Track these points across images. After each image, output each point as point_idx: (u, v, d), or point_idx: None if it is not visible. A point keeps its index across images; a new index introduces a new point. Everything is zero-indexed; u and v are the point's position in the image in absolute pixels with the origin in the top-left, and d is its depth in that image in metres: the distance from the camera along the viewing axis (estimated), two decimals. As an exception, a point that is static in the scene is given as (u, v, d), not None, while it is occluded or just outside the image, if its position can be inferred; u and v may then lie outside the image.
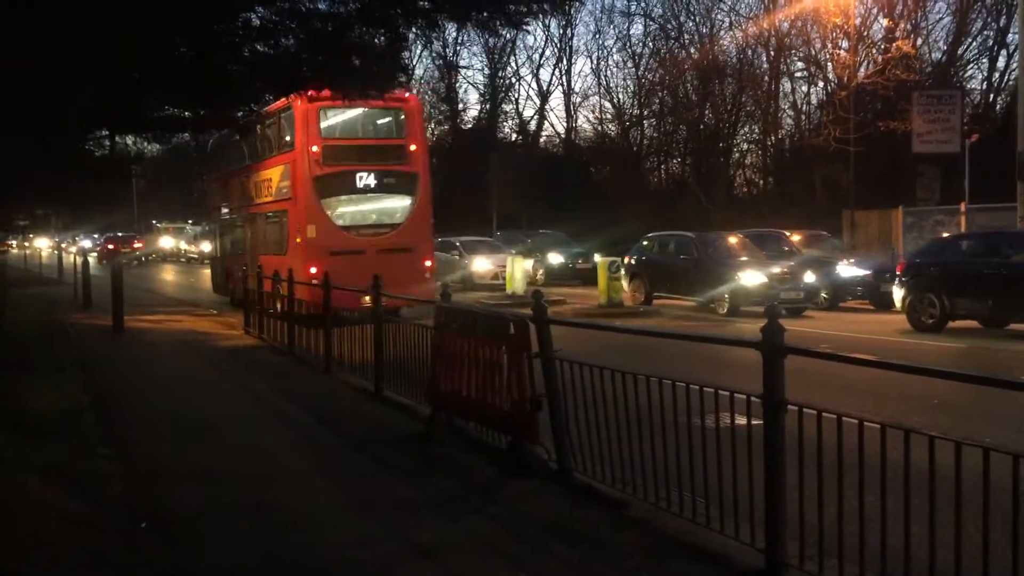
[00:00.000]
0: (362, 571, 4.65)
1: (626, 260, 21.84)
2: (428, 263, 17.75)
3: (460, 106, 55.54)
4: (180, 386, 10.65)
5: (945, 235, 20.02)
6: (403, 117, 17.76)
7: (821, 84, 38.48)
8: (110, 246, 50.15)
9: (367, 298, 9.85)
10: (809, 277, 18.68)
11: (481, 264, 27.27)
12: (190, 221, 56.68)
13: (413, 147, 17.65)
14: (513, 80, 53.70)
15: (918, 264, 16.09)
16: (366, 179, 17.32)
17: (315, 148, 16.87)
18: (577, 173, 47.24)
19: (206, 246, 38.41)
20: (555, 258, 29.72)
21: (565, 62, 51.65)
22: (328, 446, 7.65)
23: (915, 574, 3.75)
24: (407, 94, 17.88)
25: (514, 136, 54.21)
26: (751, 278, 18.28)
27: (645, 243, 22.03)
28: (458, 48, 53.06)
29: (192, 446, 7.47)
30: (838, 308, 19.60)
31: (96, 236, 58.99)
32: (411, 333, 8.66)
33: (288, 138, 17.78)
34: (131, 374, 11.59)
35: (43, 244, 58.68)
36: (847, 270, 20.01)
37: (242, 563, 4.79)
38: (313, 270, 15.21)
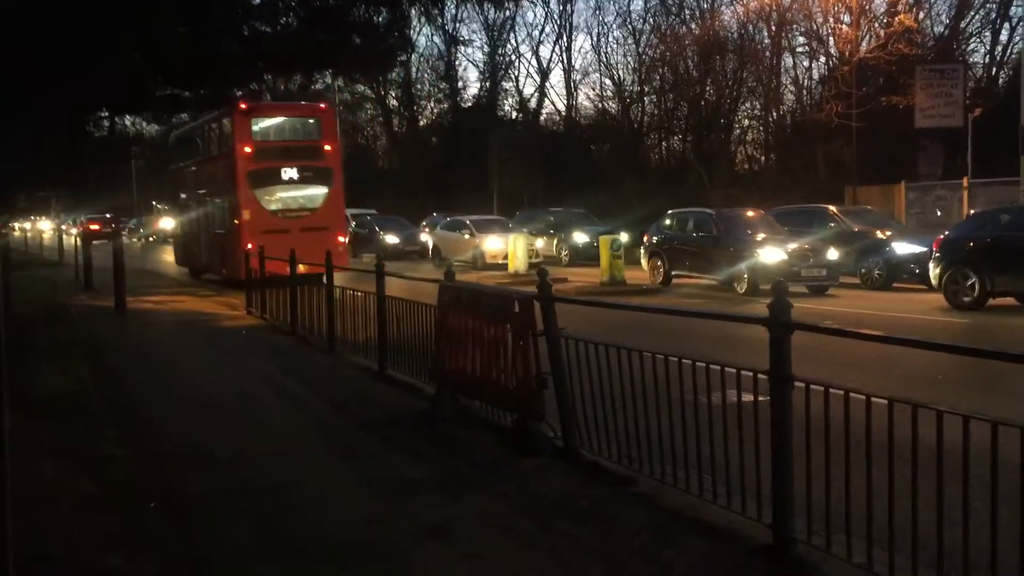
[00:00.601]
0: (373, 550, 4.68)
1: (645, 238, 21.44)
2: (341, 238, 21.93)
3: (460, 84, 55.35)
4: (185, 367, 10.68)
5: (972, 211, 19.09)
6: (319, 122, 22.28)
7: (823, 59, 38.33)
8: (92, 226, 51.25)
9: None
10: (832, 254, 17.95)
11: (493, 244, 26.69)
12: None
13: (328, 147, 22.03)
14: (513, 58, 53.52)
15: (955, 240, 15.36)
16: (289, 173, 21.50)
17: (248, 149, 21.02)
18: (578, 151, 47.10)
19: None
20: (580, 237, 28.08)
21: (565, 39, 51.45)
22: (334, 425, 7.68)
23: (922, 548, 3.77)
24: (322, 104, 22.97)
25: (514, 114, 54.01)
26: (770, 255, 17.68)
27: (666, 221, 21.23)
28: (457, 25, 52.82)
29: (199, 427, 7.50)
30: (891, 288, 18.40)
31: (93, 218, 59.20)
32: (414, 312, 8.67)
33: (227, 140, 21.83)
34: (135, 355, 11.62)
35: (46, 226, 58.74)
36: (903, 247, 18.63)
37: (252, 543, 4.82)
38: (249, 246, 18.42)
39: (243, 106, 20.74)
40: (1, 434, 3.49)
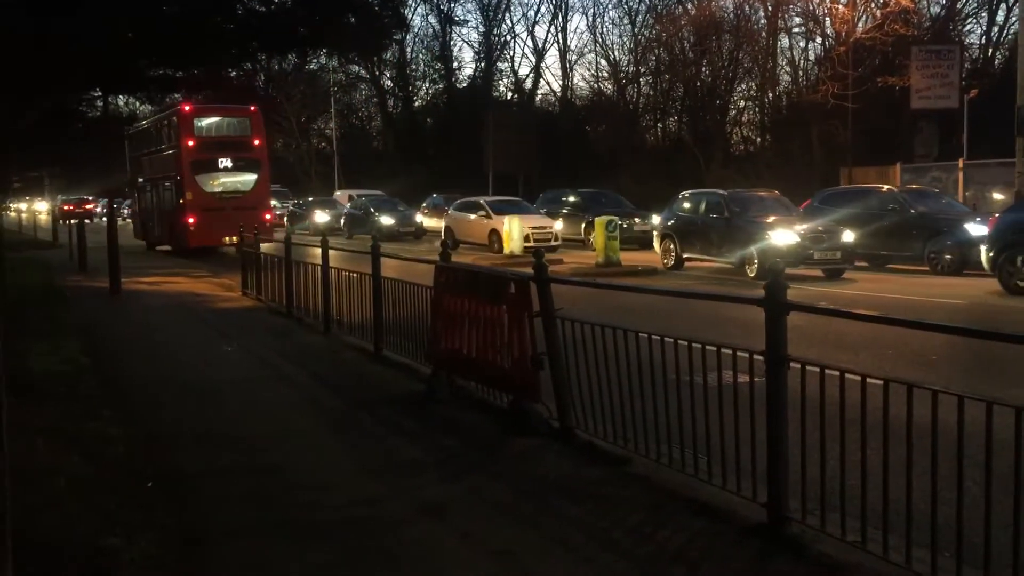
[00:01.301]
0: (370, 530, 4.69)
1: (658, 220, 21.14)
2: (268, 216, 26.89)
3: (455, 64, 55.18)
4: (180, 348, 10.66)
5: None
6: (250, 121, 27.18)
7: (819, 40, 38.20)
8: (66, 207, 53.03)
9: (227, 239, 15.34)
10: (848, 236, 17.29)
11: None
12: None
13: (257, 142, 27.03)
14: (508, 38, 53.35)
15: (1010, 222, 14.53)
16: (225, 163, 26.51)
17: (191, 143, 26.02)
18: (573, 132, 46.97)
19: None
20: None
21: (561, 19, 51.52)
22: (331, 406, 7.69)
23: (916, 528, 3.78)
24: (252, 107, 27.79)
25: (510, 95, 53.84)
26: (782, 237, 17.07)
27: (682, 204, 20.70)
28: (452, 5, 52.55)
29: (194, 408, 7.50)
30: (962, 274, 17.05)
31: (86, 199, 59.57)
32: (410, 293, 8.66)
33: (174, 134, 26.80)
34: (131, 336, 11.61)
35: (43, 207, 59.00)
36: (976, 229, 17.12)
37: (249, 523, 4.83)
38: (191, 220, 25.48)
39: (187, 108, 26.11)
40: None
